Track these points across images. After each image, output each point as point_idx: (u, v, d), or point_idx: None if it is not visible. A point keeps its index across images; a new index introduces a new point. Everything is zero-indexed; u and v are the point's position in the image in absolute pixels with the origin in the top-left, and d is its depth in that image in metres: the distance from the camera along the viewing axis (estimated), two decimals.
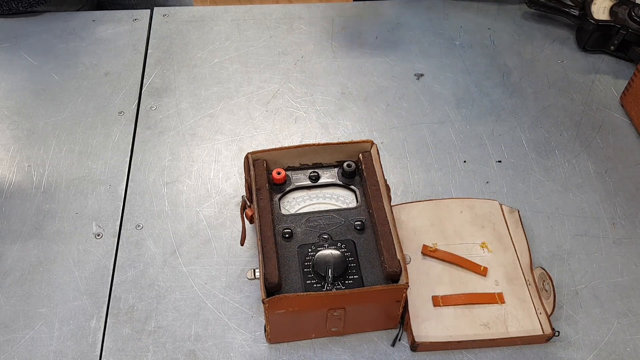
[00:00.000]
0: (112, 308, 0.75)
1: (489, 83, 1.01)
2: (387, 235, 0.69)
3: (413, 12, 1.11)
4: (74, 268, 0.78)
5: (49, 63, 1.02)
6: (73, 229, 0.82)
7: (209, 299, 0.76)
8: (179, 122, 0.94)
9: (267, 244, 0.68)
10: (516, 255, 0.78)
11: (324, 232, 0.71)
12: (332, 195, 0.75)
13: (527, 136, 0.93)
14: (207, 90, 0.99)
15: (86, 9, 1.16)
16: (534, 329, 0.72)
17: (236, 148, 0.91)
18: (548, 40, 1.07)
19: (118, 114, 0.95)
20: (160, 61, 1.03)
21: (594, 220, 0.84)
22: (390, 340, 0.72)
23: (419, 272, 0.77)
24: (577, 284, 0.77)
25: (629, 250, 0.81)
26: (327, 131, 0.94)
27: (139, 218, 0.83)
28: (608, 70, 1.03)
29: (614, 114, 0.96)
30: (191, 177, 0.88)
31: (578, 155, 0.91)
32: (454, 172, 0.89)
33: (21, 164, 0.88)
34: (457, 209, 0.83)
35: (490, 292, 0.75)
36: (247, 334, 0.73)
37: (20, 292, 0.76)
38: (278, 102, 0.97)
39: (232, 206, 0.84)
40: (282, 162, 0.77)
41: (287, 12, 1.12)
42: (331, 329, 0.70)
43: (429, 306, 0.74)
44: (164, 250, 0.80)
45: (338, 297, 0.65)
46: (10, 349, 0.71)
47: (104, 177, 0.87)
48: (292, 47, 1.06)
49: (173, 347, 0.72)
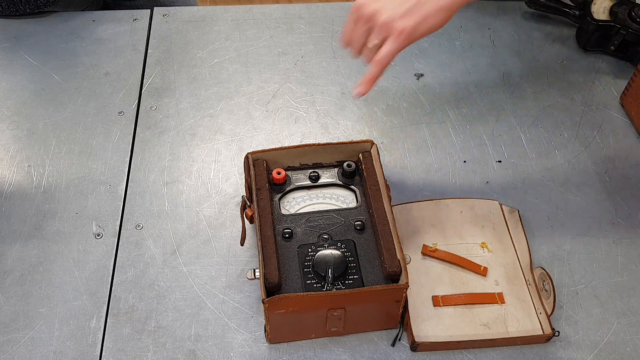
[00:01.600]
0: (112, 308, 0.75)
1: (489, 83, 1.01)
2: (387, 235, 0.69)
3: None
4: (74, 268, 0.78)
5: (49, 63, 1.02)
6: (73, 229, 0.82)
7: (209, 299, 0.76)
8: (179, 122, 0.94)
9: (267, 244, 0.68)
10: (516, 255, 0.79)
11: (324, 232, 0.71)
12: (332, 195, 0.75)
13: (527, 136, 0.93)
14: (207, 90, 0.99)
15: (91, 10, 1.16)
16: (534, 329, 0.72)
17: (236, 148, 0.91)
18: (548, 40, 1.07)
19: (118, 114, 0.95)
20: (160, 61, 1.03)
21: (594, 220, 0.84)
22: (390, 340, 0.72)
23: (419, 272, 0.77)
24: (577, 284, 0.77)
25: (629, 250, 0.81)
26: (327, 131, 0.94)
27: (139, 218, 0.83)
28: (608, 70, 1.03)
29: (614, 114, 0.96)
30: (191, 177, 0.88)
31: (578, 155, 0.91)
32: (454, 172, 0.89)
33: (21, 164, 0.88)
34: (457, 209, 0.83)
35: (490, 292, 0.75)
36: (247, 334, 0.73)
37: (20, 292, 0.76)
38: (278, 102, 0.97)
39: (232, 206, 0.84)
40: (282, 162, 0.77)
41: (287, 12, 1.11)
42: (331, 329, 0.70)
43: (429, 306, 0.74)
44: (164, 250, 0.80)
45: (338, 297, 0.65)
46: (10, 349, 0.71)
47: (104, 177, 0.87)
48: (292, 47, 1.06)
49: (173, 347, 0.72)
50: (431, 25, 0.70)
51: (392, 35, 0.69)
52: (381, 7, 0.70)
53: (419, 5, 0.69)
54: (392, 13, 0.69)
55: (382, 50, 0.71)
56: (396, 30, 0.69)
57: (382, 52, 0.70)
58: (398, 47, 0.70)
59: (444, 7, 0.70)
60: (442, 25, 0.71)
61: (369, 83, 0.73)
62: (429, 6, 0.69)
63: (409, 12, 0.69)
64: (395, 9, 0.69)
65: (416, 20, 0.69)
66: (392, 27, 0.69)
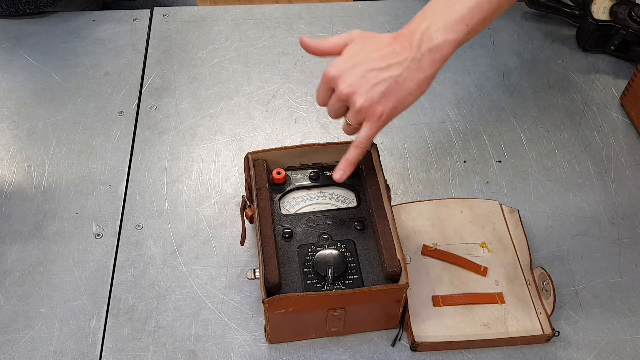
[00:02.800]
0: (112, 308, 0.75)
1: (489, 83, 1.01)
2: (387, 235, 0.69)
3: (413, 12, 1.10)
4: (74, 268, 0.78)
5: (49, 63, 1.02)
6: (73, 229, 0.82)
7: (209, 299, 0.76)
8: (179, 122, 0.94)
9: (267, 244, 0.68)
10: (516, 255, 0.79)
11: (324, 232, 0.71)
12: (332, 195, 0.75)
13: (527, 136, 0.93)
14: (207, 90, 0.99)
15: (91, 9, 1.16)
16: (534, 329, 0.72)
17: (236, 148, 0.91)
18: (548, 40, 1.07)
19: (118, 114, 0.95)
20: (160, 61, 1.03)
21: (594, 220, 0.84)
22: (390, 340, 0.72)
23: (419, 272, 0.77)
24: (577, 284, 0.77)
25: (629, 250, 0.81)
26: (327, 131, 0.94)
27: (139, 218, 0.83)
28: (608, 70, 1.03)
29: (614, 114, 0.96)
30: (191, 177, 0.88)
31: (578, 155, 0.91)
32: (454, 172, 0.89)
33: (21, 164, 0.88)
34: (457, 209, 0.83)
35: (490, 292, 0.75)
36: (247, 334, 0.73)
37: (20, 292, 0.76)
38: (278, 102, 0.97)
39: (232, 206, 0.84)
40: (282, 162, 0.77)
41: (287, 12, 1.11)
42: (331, 329, 0.70)
43: (429, 306, 0.74)
44: (164, 250, 0.80)
45: (338, 297, 0.65)
46: (10, 349, 0.71)
47: (104, 177, 0.87)
48: (292, 47, 1.06)
49: (173, 347, 0.72)
50: (411, 102, 0.64)
51: (371, 119, 0.64)
52: (355, 90, 0.63)
53: (397, 85, 0.63)
54: (369, 97, 0.63)
55: (361, 135, 0.66)
56: (375, 115, 0.64)
57: (362, 136, 0.66)
58: (377, 130, 0.65)
59: (424, 81, 0.63)
60: (419, 96, 0.65)
61: (350, 166, 0.69)
62: (408, 84, 0.63)
63: (387, 93, 0.63)
64: (370, 91, 0.63)
65: (395, 101, 0.64)
66: (370, 112, 0.64)
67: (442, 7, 0.64)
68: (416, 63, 0.63)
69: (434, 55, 0.63)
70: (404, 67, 0.63)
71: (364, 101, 0.63)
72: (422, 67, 0.63)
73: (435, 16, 0.64)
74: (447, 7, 0.63)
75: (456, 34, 0.63)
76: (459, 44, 0.64)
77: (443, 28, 0.63)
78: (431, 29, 0.63)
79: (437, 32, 0.63)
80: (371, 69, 0.63)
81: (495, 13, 0.66)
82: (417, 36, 0.63)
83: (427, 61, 0.63)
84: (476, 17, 0.64)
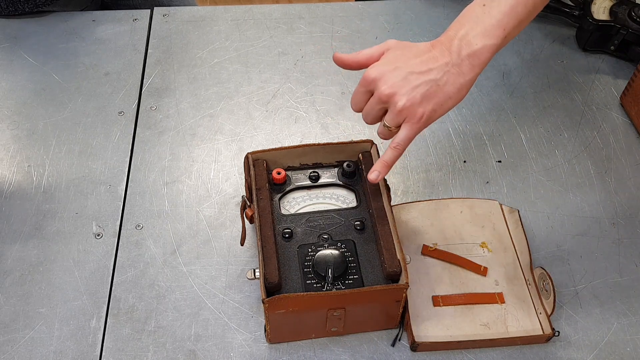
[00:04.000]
0: (112, 308, 0.75)
1: (489, 83, 1.01)
2: (387, 235, 0.69)
3: (413, 11, 1.11)
4: (74, 268, 0.78)
5: (49, 63, 1.02)
6: (73, 229, 0.82)
7: (209, 299, 0.76)
8: (179, 122, 0.94)
9: (267, 244, 0.68)
10: (516, 255, 0.79)
11: (324, 232, 0.71)
12: (332, 195, 0.75)
13: (527, 136, 0.93)
14: (207, 90, 0.99)
15: (90, 9, 1.16)
16: (534, 329, 0.72)
17: (236, 148, 0.91)
18: (548, 40, 1.07)
19: (118, 114, 0.95)
20: (160, 61, 1.03)
21: (594, 220, 0.84)
22: (390, 340, 0.72)
23: (419, 272, 0.77)
24: (577, 284, 0.77)
25: (629, 250, 0.81)
26: (327, 131, 0.94)
27: (139, 218, 0.83)
28: (608, 70, 1.03)
29: (614, 114, 0.96)
30: (191, 177, 0.88)
31: (578, 155, 0.91)
32: (454, 172, 0.89)
33: (21, 164, 0.88)
34: (457, 209, 0.83)
35: (490, 292, 0.75)
36: (247, 334, 0.73)
37: (20, 292, 0.76)
38: (278, 102, 0.97)
39: (232, 206, 0.84)
40: (282, 162, 0.77)
41: (287, 12, 1.11)
42: (331, 329, 0.70)
43: (429, 306, 0.74)
44: (164, 250, 0.80)
45: (338, 297, 0.65)
46: (10, 349, 0.71)
47: (104, 177, 0.87)
48: (292, 47, 1.06)
49: (173, 347, 0.72)
50: (450, 106, 0.65)
51: (411, 121, 0.64)
52: (397, 91, 0.64)
53: (438, 88, 0.64)
54: (410, 97, 0.63)
55: (400, 136, 0.66)
56: (416, 116, 0.64)
57: (401, 138, 0.66)
58: (417, 132, 0.65)
59: (464, 86, 0.64)
60: (459, 102, 0.65)
61: (386, 167, 0.68)
62: (449, 89, 0.64)
63: (428, 96, 0.64)
64: (412, 92, 0.63)
65: (436, 104, 0.64)
66: (411, 113, 0.64)
67: (478, 14, 0.65)
68: (456, 68, 0.64)
69: (473, 61, 0.64)
70: (444, 72, 0.64)
71: (406, 101, 0.64)
72: (462, 72, 0.64)
73: (471, 23, 0.65)
74: (483, 14, 0.65)
75: (494, 39, 0.64)
76: (497, 49, 0.65)
77: (481, 34, 0.64)
78: (469, 35, 0.64)
79: (475, 38, 0.64)
80: (412, 72, 0.64)
81: (530, 15, 0.67)
82: (456, 42, 0.64)
83: (467, 66, 0.64)
84: (512, 21, 0.65)
